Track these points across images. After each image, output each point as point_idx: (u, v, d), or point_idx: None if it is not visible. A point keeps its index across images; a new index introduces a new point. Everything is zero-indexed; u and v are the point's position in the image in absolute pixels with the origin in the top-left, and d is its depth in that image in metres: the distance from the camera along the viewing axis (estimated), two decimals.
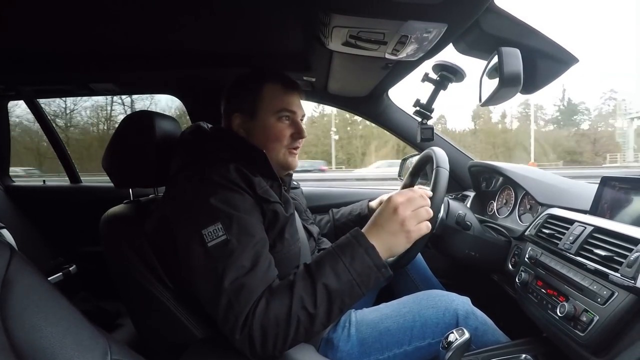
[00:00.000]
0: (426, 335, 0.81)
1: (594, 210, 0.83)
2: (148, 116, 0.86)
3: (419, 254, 1.27)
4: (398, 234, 0.67)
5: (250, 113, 0.84)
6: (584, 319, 0.65)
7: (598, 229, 0.73)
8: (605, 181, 0.83)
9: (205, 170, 0.72)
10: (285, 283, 0.64)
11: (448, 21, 0.69)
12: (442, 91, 1.11)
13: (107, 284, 0.84)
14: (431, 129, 1.16)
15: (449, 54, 0.93)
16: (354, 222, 1.16)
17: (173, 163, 0.80)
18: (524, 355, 0.80)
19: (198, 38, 1.05)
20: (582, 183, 1.03)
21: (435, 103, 1.14)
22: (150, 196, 0.98)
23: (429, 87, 1.12)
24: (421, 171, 1.18)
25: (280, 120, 0.84)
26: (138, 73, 1.31)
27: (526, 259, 0.89)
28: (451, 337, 0.69)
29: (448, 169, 0.89)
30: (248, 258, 0.64)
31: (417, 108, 1.15)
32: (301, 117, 0.88)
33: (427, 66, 1.06)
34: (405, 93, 1.51)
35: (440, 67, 1.06)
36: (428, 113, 1.15)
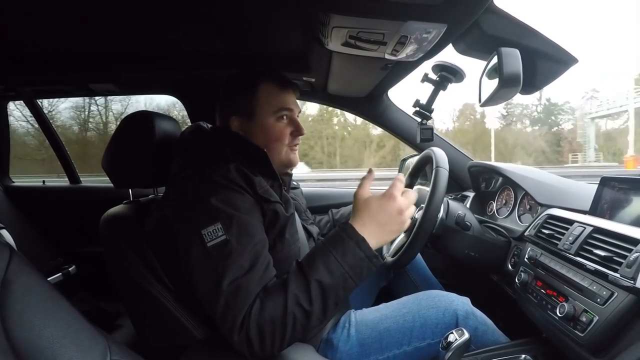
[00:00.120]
0: (426, 335, 0.81)
1: (594, 210, 0.83)
2: (148, 116, 0.86)
3: (419, 254, 1.27)
4: (393, 229, 0.69)
5: (247, 115, 0.83)
6: (584, 319, 0.65)
7: (597, 230, 0.73)
8: (604, 181, 0.82)
9: (205, 170, 0.72)
10: (279, 282, 0.64)
11: (448, 22, 0.69)
12: (442, 91, 1.11)
13: (107, 285, 0.84)
14: (431, 130, 1.17)
15: (449, 55, 0.93)
16: None
17: (173, 163, 0.80)
18: (524, 355, 0.80)
19: (198, 38, 1.05)
20: (582, 183, 1.03)
21: (434, 103, 1.15)
22: (150, 196, 0.98)
23: (429, 88, 1.12)
24: (421, 171, 1.18)
25: (279, 119, 0.83)
26: (138, 73, 1.31)
27: (526, 259, 0.89)
28: (451, 338, 0.69)
29: (448, 169, 0.89)
30: (247, 259, 0.64)
31: (417, 108, 1.16)
32: (297, 114, 0.88)
33: (427, 66, 1.06)
34: (405, 93, 1.51)
35: (439, 68, 1.06)
36: (428, 113, 1.15)
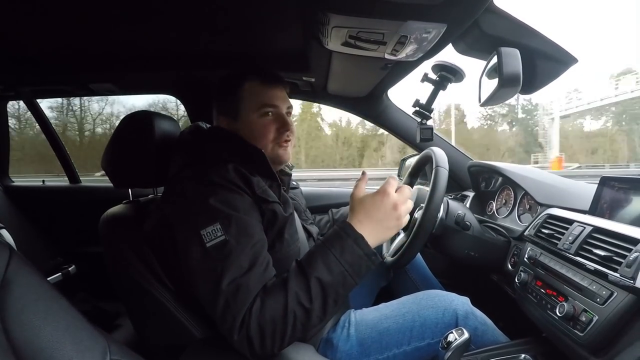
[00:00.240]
0: (425, 335, 0.81)
1: (593, 210, 0.83)
2: (147, 116, 0.86)
3: (419, 254, 1.27)
4: (390, 225, 0.69)
5: (233, 115, 0.83)
6: (583, 319, 0.65)
7: (597, 229, 0.73)
8: (604, 181, 0.83)
9: (204, 170, 0.72)
10: (279, 281, 0.64)
11: (447, 21, 0.69)
12: (442, 91, 1.11)
13: (107, 284, 0.84)
14: (430, 129, 1.17)
15: (449, 54, 0.93)
16: None
17: (172, 163, 0.80)
18: (523, 355, 0.80)
19: (197, 38, 1.05)
20: (582, 183, 1.03)
21: (434, 103, 1.15)
22: (149, 196, 0.98)
23: (429, 88, 1.12)
24: (420, 171, 1.18)
25: (263, 116, 0.82)
26: (137, 73, 1.31)
27: (525, 259, 0.89)
28: (450, 337, 0.69)
29: (447, 169, 0.89)
30: (246, 259, 0.64)
31: (417, 108, 1.16)
32: (287, 110, 0.86)
33: (427, 66, 1.06)
34: (404, 93, 1.51)
35: (439, 68, 1.06)
36: (427, 113, 1.15)
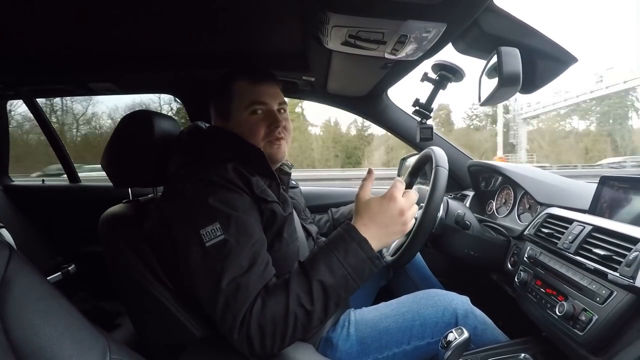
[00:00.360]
0: (425, 334, 0.82)
1: (593, 209, 0.83)
2: (147, 115, 0.86)
3: (418, 254, 1.27)
4: (395, 230, 0.68)
5: (225, 115, 0.83)
6: (583, 318, 0.65)
7: (597, 229, 0.73)
8: (604, 181, 0.83)
9: (203, 170, 0.72)
10: (281, 282, 0.64)
11: (447, 21, 0.69)
12: (442, 91, 1.11)
13: (106, 284, 0.84)
14: (430, 129, 1.16)
15: (448, 54, 0.93)
16: None
17: (171, 163, 0.80)
18: (523, 354, 0.80)
19: (197, 38, 1.05)
20: (582, 183, 1.03)
21: (434, 102, 1.15)
22: (149, 196, 0.98)
23: (429, 87, 1.12)
24: (420, 171, 1.18)
25: (252, 114, 0.81)
26: (137, 73, 1.31)
27: (525, 259, 0.89)
28: (450, 337, 0.69)
29: (447, 169, 0.89)
30: (246, 258, 0.64)
31: (416, 108, 1.16)
32: (279, 106, 0.84)
33: (427, 66, 1.06)
34: (404, 92, 1.51)
35: (439, 67, 1.06)
36: (427, 112, 1.15)
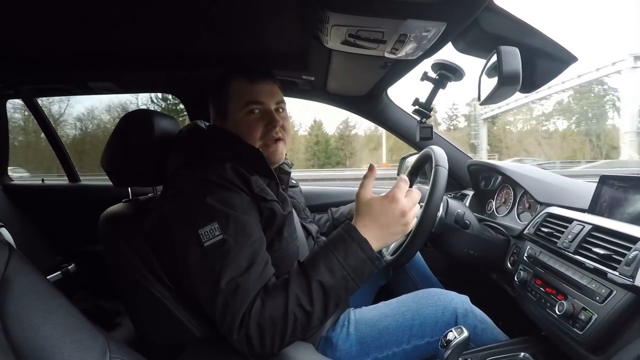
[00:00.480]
0: (425, 333, 0.82)
1: (593, 208, 0.83)
2: (147, 115, 0.86)
3: (418, 253, 1.28)
4: (397, 230, 0.68)
5: (223, 115, 0.83)
6: (583, 318, 0.65)
7: (597, 228, 0.73)
8: (603, 180, 0.83)
9: (202, 169, 0.72)
10: (280, 282, 0.64)
11: (447, 20, 0.69)
12: (441, 90, 1.11)
13: (106, 283, 0.84)
14: (430, 128, 1.16)
15: (448, 53, 0.93)
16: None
17: (170, 162, 0.80)
18: (523, 353, 0.80)
19: (197, 38, 1.04)
20: (581, 182, 1.03)
21: (434, 102, 1.15)
22: (149, 195, 0.98)
23: (428, 86, 1.12)
24: (420, 170, 1.18)
25: (249, 113, 0.81)
26: (137, 72, 1.31)
27: (525, 258, 0.89)
28: (450, 336, 0.69)
29: (447, 168, 0.89)
30: (245, 258, 0.64)
31: (416, 107, 1.16)
32: (277, 105, 0.84)
33: (427, 65, 1.06)
34: (404, 92, 1.51)
35: (439, 66, 1.06)
36: (427, 112, 1.15)
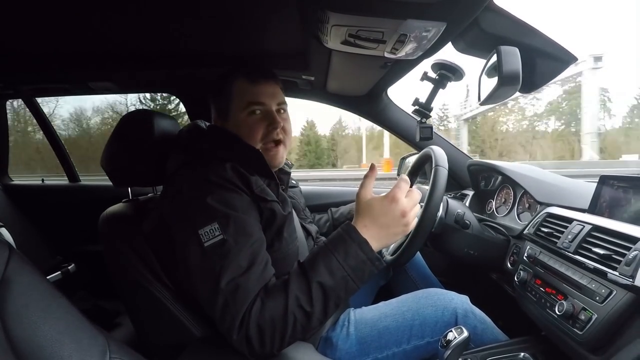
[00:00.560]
0: (425, 334, 0.82)
1: (593, 209, 0.83)
2: (147, 115, 0.86)
3: (418, 253, 1.28)
4: (397, 231, 0.67)
5: (224, 115, 0.83)
6: (583, 318, 0.65)
7: (596, 228, 0.73)
8: (603, 180, 0.83)
9: (202, 169, 0.72)
10: (280, 282, 0.64)
11: (447, 20, 0.69)
12: (441, 90, 1.11)
13: (106, 283, 0.84)
14: (430, 128, 1.16)
15: (448, 53, 0.93)
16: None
17: (170, 162, 0.80)
18: (523, 353, 0.80)
19: (196, 37, 1.04)
20: (581, 182, 1.03)
21: (434, 102, 1.15)
22: (149, 195, 0.98)
23: (428, 86, 1.12)
24: (420, 170, 1.18)
25: (250, 114, 0.80)
26: (137, 72, 1.30)
27: (525, 258, 0.89)
28: (450, 336, 0.69)
29: (447, 168, 0.89)
30: (245, 258, 0.63)
31: (416, 107, 1.16)
32: (278, 106, 0.83)
33: (426, 65, 1.06)
34: (404, 92, 1.51)
35: (439, 66, 1.06)
36: (427, 112, 1.15)
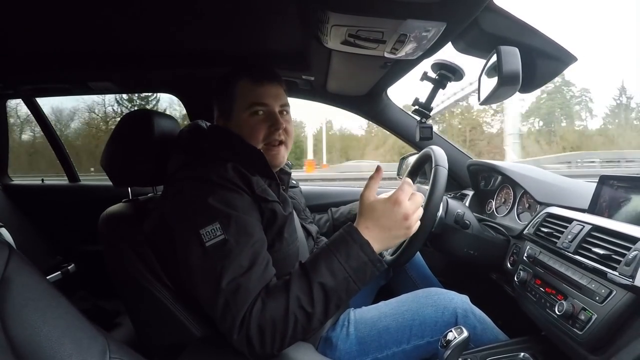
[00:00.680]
0: (425, 333, 0.82)
1: (593, 209, 0.83)
2: (147, 114, 0.86)
3: (418, 253, 1.27)
4: (399, 234, 0.67)
5: (227, 115, 0.83)
6: (582, 318, 0.65)
7: (596, 228, 0.73)
8: (603, 180, 0.83)
9: (203, 169, 0.72)
10: (281, 283, 0.64)
11: (447, 20, 0.69)
12: (441, 90, 1.11)
13: (106, 283, 0.84)
14: (430, 128, 1.16)
15: (448, 53, 0.93)
16: (353, 221, 1.16)
17: (171, 162, 0.80)
18: (523, 353, 0.80)
19: (197, 37, 1.05)
20: (581, 182, 1.03)
21: (434, 102, 1.15)
22: (149, 195, 0.98)
23: (428, 86, 1.12)
24: (420, 170, 1.18)
25: (253, 115, 0.80)
26: (137, 72, 1.31)
27: (525, 258, 0.89)
28: (450, 336, 0.69)
29: (447, 168, 0.89)
30: (246, 258, 0.63)
31: (416, 107, 1.16)
32: (281, 108, 0.83)
33: (426, 65, 1.06)
34: (404, 92, 1.51)
35: (439, 66, 1.06)
36: (427, 112, 1.15)
